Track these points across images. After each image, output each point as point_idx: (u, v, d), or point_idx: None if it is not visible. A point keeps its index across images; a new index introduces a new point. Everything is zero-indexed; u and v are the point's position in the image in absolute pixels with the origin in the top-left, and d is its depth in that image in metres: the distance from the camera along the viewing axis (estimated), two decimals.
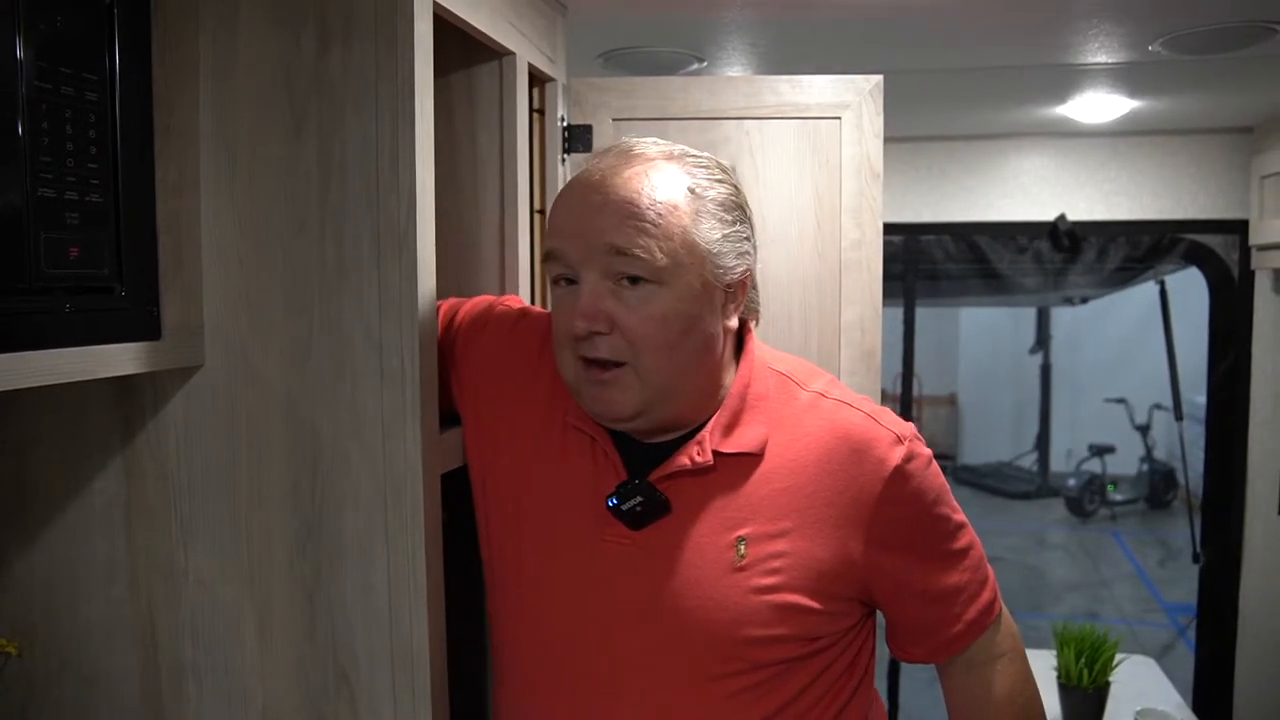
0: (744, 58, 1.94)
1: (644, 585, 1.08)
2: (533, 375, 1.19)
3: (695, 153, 1.10)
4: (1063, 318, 9.48)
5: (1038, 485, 9.16)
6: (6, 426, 1.14)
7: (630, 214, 1.03)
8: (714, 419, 1.10)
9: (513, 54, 1.31)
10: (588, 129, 1.56)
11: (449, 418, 1.19)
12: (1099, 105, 2.41)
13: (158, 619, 1.14)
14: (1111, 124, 2.64)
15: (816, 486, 1.08)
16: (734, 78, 1.55)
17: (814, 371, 1.18)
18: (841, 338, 1.57)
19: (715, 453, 1.08)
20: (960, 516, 1.16)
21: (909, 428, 1.13)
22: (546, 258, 1.09)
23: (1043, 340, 9.59)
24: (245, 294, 1.09)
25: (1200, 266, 2.94)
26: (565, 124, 1.55)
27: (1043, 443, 9.38)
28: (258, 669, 1.11)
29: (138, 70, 1.00)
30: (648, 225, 1.03)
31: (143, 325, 1.03)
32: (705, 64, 1.94)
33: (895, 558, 1.11)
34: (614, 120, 1.56)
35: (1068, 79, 2.20)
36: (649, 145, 1.09)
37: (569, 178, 1.59)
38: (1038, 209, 2.88)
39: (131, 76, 0.99)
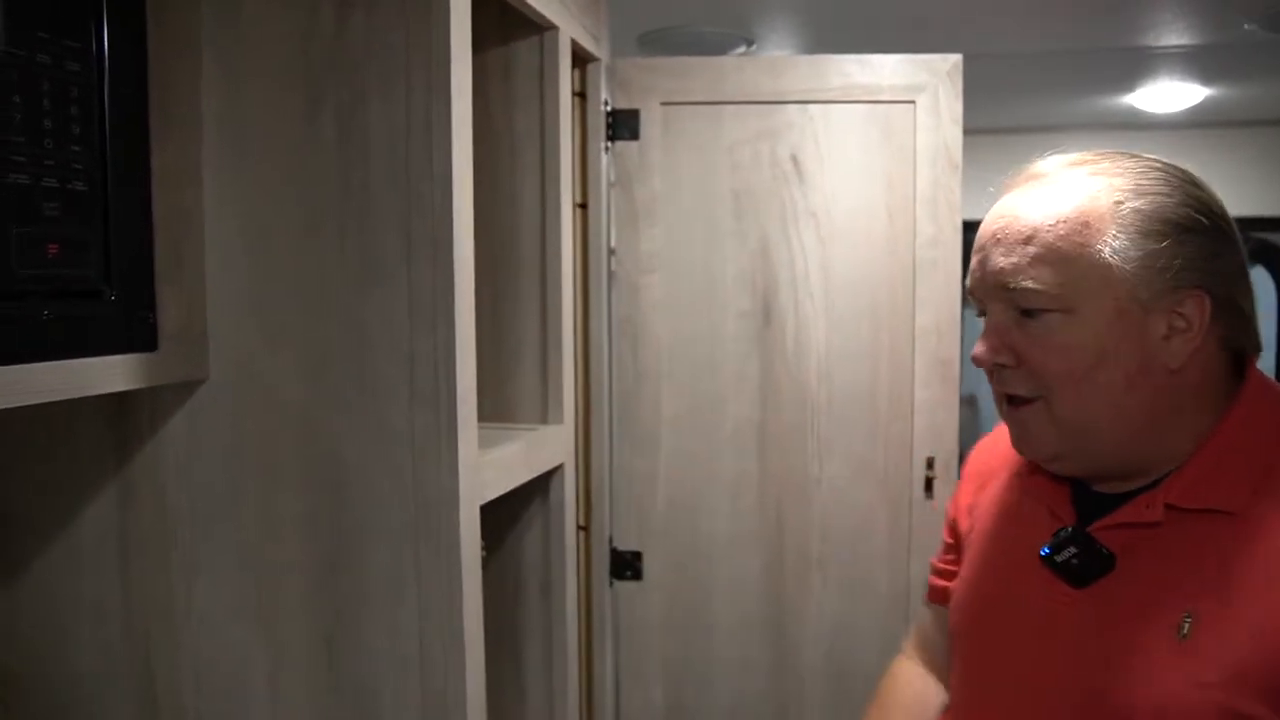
0: (795, 39, 1.79)
1: (1072, 650, 0.94)
2: (987, 474, 1.13)
3: (1124, 157, 0.94)
4: None
5: None
6: None
7: (1020, 241, 0.92)
8: (1181, 468, 0.93)
9: (555, 28, 1.17)
10: (634, 114, 1.41)
11: None
12: (1170, 94, 2.26)
13: (156, 665, 1.00)
14: (1179, 115, 2.48)
15: None
16: (796, 57, 1.41)
17: None
18: (915, 344, 1.42)
19: (1167, 506, 0.91)
20: None
21: None
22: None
23: None
24: (255, 298, 0.95)
25: (1268, 265, 2.78)
26: (609, 108, 1.40)
27: None
28: (272, 715, 0.97)
29: (129, 39, 0.86)
30: (1040, 250, 0.91)
31: (136, 334, 0.89)
32: (754, 46, 1.79)
33: None
34: (663, 104, 1.41)
35: (1141, 64, 2.05)
36: (1059, 158, 0.96)
37: (612, 167, 1.46)
38: None
39: (122, 45, 0.85)
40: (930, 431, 1.43)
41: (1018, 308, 0.93)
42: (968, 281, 0.99)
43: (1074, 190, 0.91)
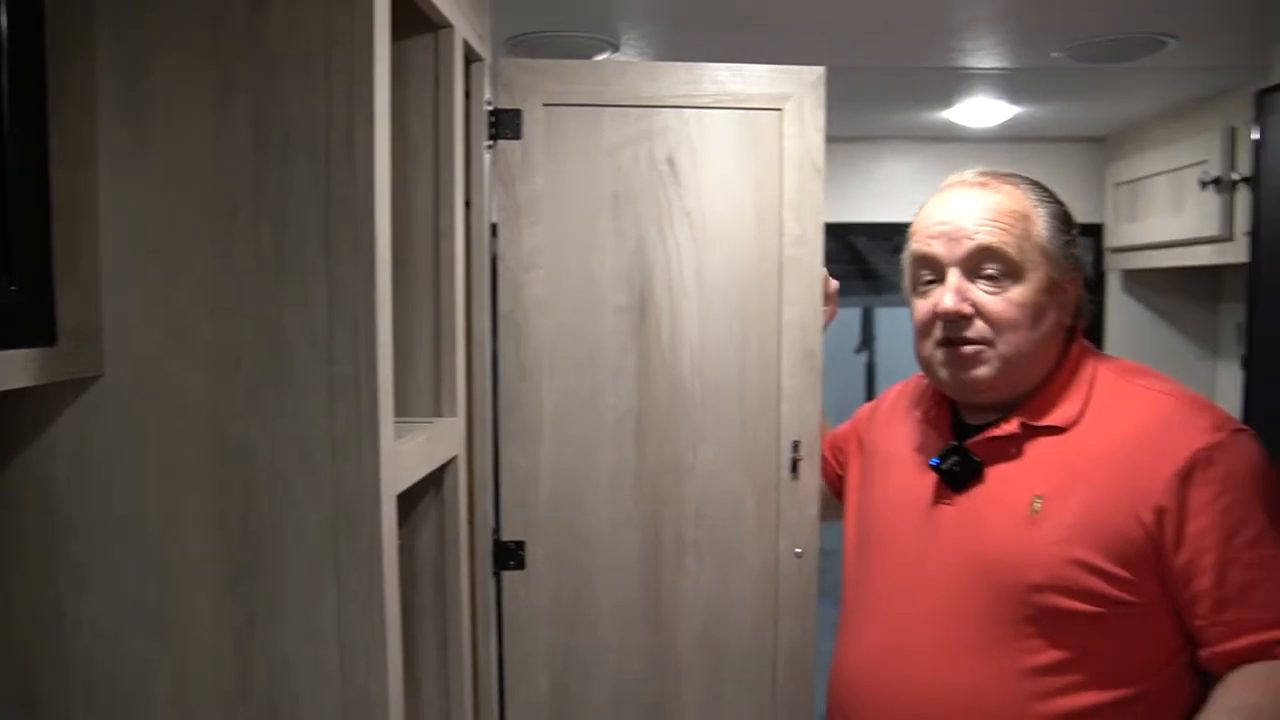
0: (655, 48, 1.86)
1: (954, 530, 1.27)
2: (890, 410, 1.52)
3: (1018, 175, 1.35)
4: (885, 318, 9.84)
5: None
6: None
7: (987, 218, 1.27)
8: (1031, 399, 1.29)
9: (451, 27, 1.18)
10: (517, 114, 1.43)
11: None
12: (983, 110, 2.47)
13: (39, 681, 0.95)
14: (991, 129, 2.71)
15: (1118, 457, 1.20)
16: (674, 64, 1.46)
17: (1147, 371, 1.33)
18: (782, 338, 1.51)
19: (1024, 424, 1.27)
20: (1262, 528, 1.16)
21: (1231, 422, 1.22)
22: (917, 263, 1.34)
23: (868, 340, 9.95)
24: (157, 291, 0.92)
25: None
26: (492, 108, 1.42)
27: None
28: None
29: (26, 11, 0.82)
30: (1008, 226, 1.26)
31: (35, 328, 0.85)
32: (618, 52, 1.85)
33: (1181, 538, 1.16)
34: (545, 105, 1.44)
35: (959, 83, 2.24)
36: (988, 171, 1.35)
37: (494, 165, 1.48)
38: (911, 211, 2.92)
39: (19, 19, 0.81)
40: (796, 418, 1.53)
41: (983, 271, 1.26)
42: (924, 252, 1.31)
43: (1007, 193, 1.30)
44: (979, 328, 1.27)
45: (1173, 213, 2.55)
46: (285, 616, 0.93)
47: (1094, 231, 2.97)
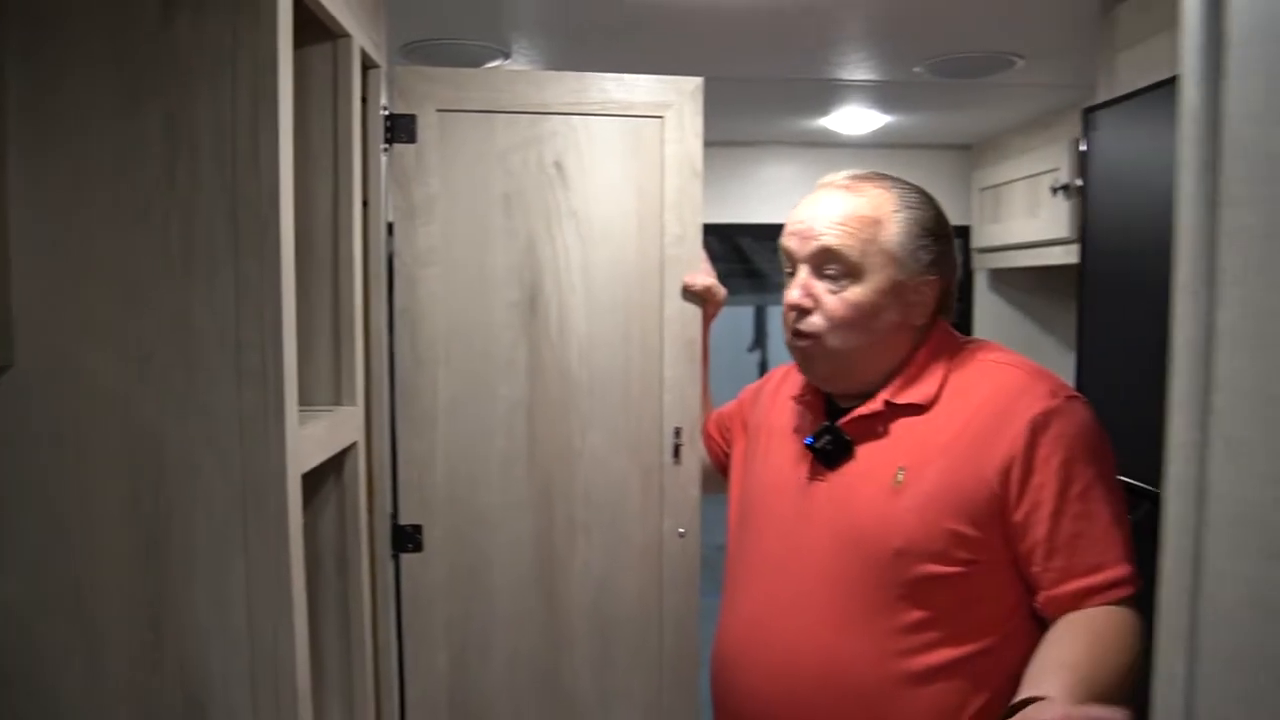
0: (546, 56, 1.95)
1: (825, 505, 1.38)
2: (773, 393, 1.60)
3: (903, 182, 1.41)
4: (776, 317, 10.09)
5: None
6: None
7: (835, 221, 1.34)
8: (893, 381, 1.39)
9: (349, 36, 1.25)
10: (412, 119, 1.51)
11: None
12: (856, 119, 2.63)
13: None
14: (864, 136, 2.88)
15: (970, 428, 1.31)
16: (563, 73, 1.56)
17: (995, 346, 1.44)
18: (664, 331, 1.62)
19: (887, 403, 1.37)
20: (1089, 483, 1.27)
21: (1066, 389, 1.33)
22: (782, 255, 1.43)
23: (760, 339, 10.19)
24: (70, 287, 0.97)
25: None
26: (388, 113, 1.49)
27: None
28: (89, 707, 1.00)
29: None
30: (852, 229, 1.34)
31: None
32: (509, 60, 1.93)
33: (1022, 493, 1.27)
34: (439, 111, 1.52)
35: (833, 93, 2.39)
36: (860, 174, 1.41)
37: (391, 168, 1.55)
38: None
39: None
40: (678, 405, 1.64)
41: (825, 270, 1.35)
42: (784, 246, 1.41)
43: (869, 197, 1.37)
44: (812, 321, 1.37)
45: (1029, 216, 2.76)
46: (196, 589, 0.99)
47: (962, 233, 3.18)
